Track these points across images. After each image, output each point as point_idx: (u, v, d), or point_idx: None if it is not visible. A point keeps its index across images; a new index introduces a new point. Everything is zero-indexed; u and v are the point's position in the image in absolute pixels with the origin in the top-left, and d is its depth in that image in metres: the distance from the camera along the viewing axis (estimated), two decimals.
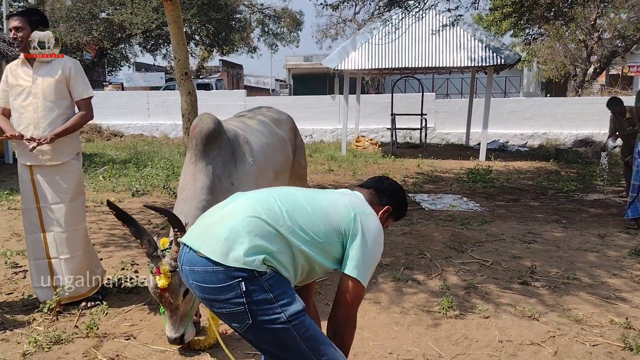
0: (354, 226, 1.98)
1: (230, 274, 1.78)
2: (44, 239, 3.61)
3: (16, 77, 3.55)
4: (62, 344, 3.11)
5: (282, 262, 1.87)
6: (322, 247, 1.95)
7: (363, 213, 2.04)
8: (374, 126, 15.45)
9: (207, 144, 3.10)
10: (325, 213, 1.99)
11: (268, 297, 1.79)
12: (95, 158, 11.02)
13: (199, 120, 3.19)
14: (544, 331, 3.33)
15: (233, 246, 1.81)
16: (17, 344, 3.12)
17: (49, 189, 3.57)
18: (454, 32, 11.52)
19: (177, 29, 5.23)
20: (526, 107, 15.12)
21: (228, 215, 1.93)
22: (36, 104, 3.50)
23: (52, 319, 3.46)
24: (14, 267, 4.43)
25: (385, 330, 3.36)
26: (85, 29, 18.32)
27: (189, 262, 1.88)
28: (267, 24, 24.37)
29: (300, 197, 2.03)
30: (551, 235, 5.51)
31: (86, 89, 3.67)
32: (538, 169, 10.45)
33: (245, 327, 1.82)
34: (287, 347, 1.83)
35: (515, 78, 27.34)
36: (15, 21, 3.51)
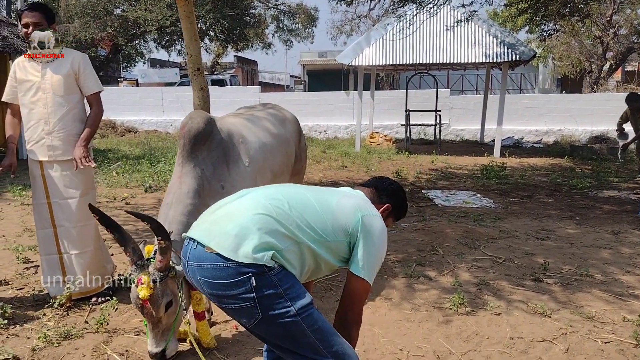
0: (361, 227, 2.01)
1: (240, 270, 1.80)
2: (55, 234, 3.62)
3: (25, 72, 3.53)
4: (72, 339, 3.14)
5: (290, 260, 1.90)
6: (330, 245, 1.99)
7: (369, 215, 2.07)
8: (388, 122, 15.41)
9: (196, 144, 2.96)
10: (332, 213, 2.02)
11: (278, 292, 1.82)
12: (109, 154, 11.13)
13: (189, 119, 3.03)
14: (556, 328, 3.31)
15: (243, 242, 1.82)
16: (27, 339, 3.15)
17: (59, 184, 3.57)
18: (469, 28, 11.44)
19: (190, 24, 5.27)
20: (541, 104, 14.98)
21: (237, 211, 1.95)
22: (46, 100, 3.50)
23: (63, 314, 3.49)
24: (26, 263, 4.48)
25: (396, 327, 3.37)
26: (99, 25, 18.43)
27: (197, 258, 1.89)
28: (281, 20, 24.33)
29: (309, 195, 2.06)
30: (565, 232, 5.47)
31: (96, 84, 3.69)
32: (553, 166, 10.36)
33: (255, 322, 1.84)
34: (297, 340, 1.86)
35: (530, 74, 27.07)
36: (33, 17, 3.46)
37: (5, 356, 2.89)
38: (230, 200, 2.07)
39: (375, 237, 2.03)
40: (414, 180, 8.58)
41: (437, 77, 14.31)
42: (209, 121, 3.04)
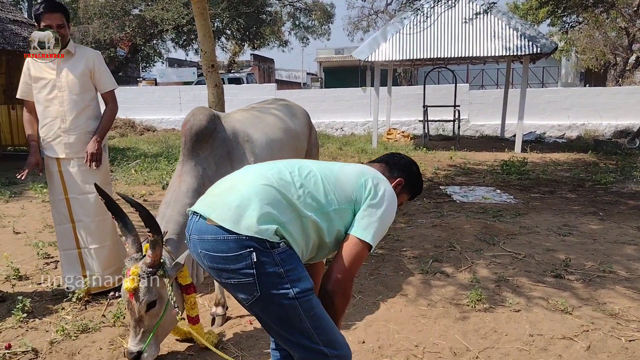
0: (365, 190, 1.92)
1: (242, 243, 1.73)
2: (73, 229, 3.66)
3: (39, 69, 3.54)
4: (89, 333, 3.16)
5: (293, 234, 1.81)
6: (334, 216, 1.89)
7: (375, 177, 1.98)
8: (405, 118, 15.27)
9: (198, 142, 2.88)
10: (336, 179, 1.94)
11: (278, 271, 1.75)
12: (128, 152, 11.21)
13: (191, 115, 2.95)
14: (577, 325, 3.21)
15: (244, 213, 1.75)
16: (45, 332, 3.17)
17: (77, 179, 3.60)
18: (488, 21, 11.24)
19: (204, 21, 5.24)
20: (564, 98, 14.69)
21: (239, 183, 1.88)
22: (62, 98, 3.52)
23: (81, 308, 3.51)
24: (46, 258, 4.52)
25: (412, 323, 3.30)
26: (118, 26, 18.61)
27: (198, 230, 1.83)
28: (298, 17, 24.30)
29: (313, 166, 1.98)
30: (587, 227, 5.33)
31: (111, 82, 3.72)
32: (576, 161, 10.14)
33: (252, 300, 1.77)
34: (292, 323, 1.78)
35: (553, 68, 26.64)
36: (56, 18, 3.46)
37: (24, 349, 2.93)
38: (234, 175, 2.00)
39: (381, 199, 1.92)
40: (431, 177, 8.46)
41: (456, 72, 14.12)
42: (212, 118, 2.96)
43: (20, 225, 5.65)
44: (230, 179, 1.98)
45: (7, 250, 4.69)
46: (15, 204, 6.75)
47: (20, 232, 5.37)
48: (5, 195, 7.02)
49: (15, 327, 3.23)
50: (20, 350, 2.93)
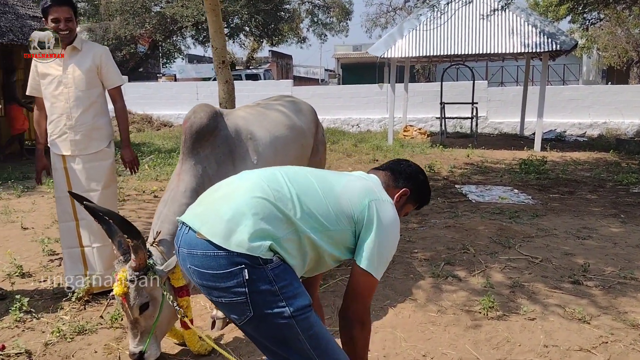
0: (368, 214, 1.80)
1: (233, 260, 1.62)
2: (77, 227, 3.61)
3: (46, 65, 3.50)
4: (86, 334, 3.09)
5: (289, 250, 1.70)
6: (332, 235, 1.78)
7: (378, 200, 1.85)
8: (422, 115, 15.05)
9: (198, 140, 2.79)
10: (337, 198, 1.81)
11: (272, 289, 1.64)
12: (143, 147, 11.20)
13: (192, 113, 2.87)
14: (596, 336, 3.04)
15: (236, 228, 1.64)
16: (41, 333, 3.11)
17: (81, 177, 3.56)
18: (506, 17, 10.98)
19: (215, 17, 5.19)
20: (585, 95, 14.33)
21: (233, 193, 1.76)
22: (68, 94, 3.47)
23: (80, 308, 3.45)
24: (51, 255, 4.47)
25: (420, 330, 3.16)
26: (138, 22, 18.73)
27: (188, 244, 1.72)
28: (316, 14, 24.17)
29: (313, 179, 1.85)
30: (608, 230, 5.12)
31: (118, 77, 3.66)
32: (597, 160, 9.86)
33: (245, 320, 1.67)
34: (289, 344, 1.68)
35: (574, 66, 26.13)
36: (64, 12, 3.42)
37: (18, 350, 2.87)
38: (229, 182, 1.88)
39: (384, 226, 1.81)
40: (447, 175, 8.28)
41: (475, 69, 13.87)
42: (213, 116, 2.86)
43: (29, 220, 5.63)
44: (224, 186, 1.87)
45: (13, 246, 4.67)
46: (26, 198, 6.75)
47: (28, 228, 5.35)
48: (18, 190, 7.02)
49: (12, 326, 3.18)
50: (14, 352, 2.86)
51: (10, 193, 6.94)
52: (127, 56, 20.64)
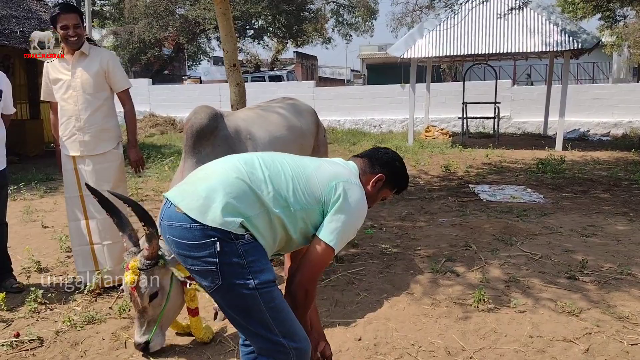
0: (334, 194, 1.95)
1: (207, 232, 1.80)
2: (87, 226, 3.80)
3: (56, 71, 3.70)
4: (95, 324, 3.30)
5: (259, 228, 1.87)
6: (300, 215, 1.94)
7: (347, 182, 2.00)
8: (445, 115, 15.07)
9: (199, 140, 2.96)
10: (307, 179, 1.97)
11: (241, 262, 1.81)
12: (164, 149, 11.56)
13: (193, 114, 3.04)
14: (580, 327, 3.16)
15: (211, 205, 1.82)
16: (54, 323, 3.34)
17: (91, 177, 3.71)
18: (527, 16, 10.98)
19: (226, 21, 5.37)
20: (610, 94, 14.14)
21: (213, 174, 1.94)
22: (76, 97, 3.65)
23: (91, 300, 3.67)
24: (68, 252, 4.70)
25: (412, 322, 3.32)
26: (162, 25, 19.10)
27: (169, 217, 1.90)
28: (341, 14, 24.27)
29: (286, 162, 2.02)
30: (614, 228, 5.17)
31: (126, 81, 3.83)
32: (617, 160, 9.78)
33: (214, 287, 1.84)
34: (251, 313, 1.85)
35: (604, 64, 25.62)
36: (72, 19, 3.58)
37: (30, 337, 3.09)
38: (211, 164, 2.07)
39: (349, 205, 1.95)
40: (462, 175, 8.36)
41: (502, 68, 13.83)
42: (213, 116, 3.05)
43: (49, 219, 5.91)
44: (206, 168, 2.05)
45: (33, 243, 4.95)
46: (49, 199, 7.06)
47: (48, 227, 5.63)
48: (41, 191, 7.35)
49: (27, 316, 3.41)
50: (27, 339, 3.08)
51: (33, 194, 7.30)
52: (151, 59, 21.04)
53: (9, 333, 3.18)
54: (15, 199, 6.85)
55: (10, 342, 3.05)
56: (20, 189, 7.37)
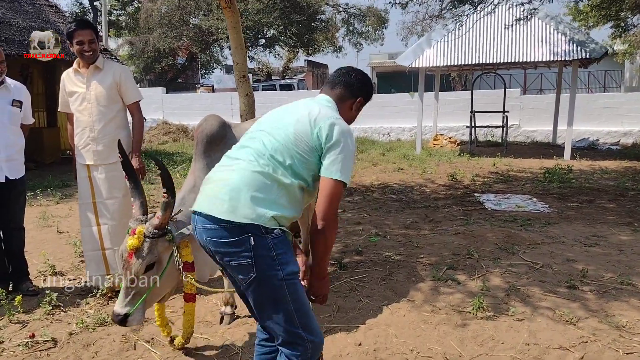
0: (322, 139, 2.08)
1: (242, 229, 1.96)
2: (99, 231, 3.94)
3: (72, 83, 3.88)
4: (106, 326, 3.44)
5: (286, 205, 2.04)
6: (305, 169, 2.10)
7: (325, 121, 2.11)
8: (454, 124, 15.12)
9: (209, 145, 3.08)
10: (294, 138, 2.09)
11: (271, 254, 1.98)
12: (176, 157, 11.73)
13: (204, 121, 3.18)
14: (577, 336, 3.22)
15: (238, 204, 1.97)
16: (67, 324, 3.49)
17: (104, 185, 3.89)
18: (535, 26, 11.04)
19: (236, 34, 5.52)
20: (620, 103, 14.11)
21: (227, 176, 2.08)
22: (90, 109, 3.82)
23: (103, 303, 3.82)
24: (82, 256, 4.77)
25: (412, 328, 3.40)
26: (176, 35, 19.44)
27: (202, 222, 2.06)
28: (352, 23, 24.43)
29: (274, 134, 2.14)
30: (617, 238, 5.21)
31: (137, 94, 3.98)
32: (626, 169, 9.78)
33: (249, 280, 2.00)
34: (278, 304, 2.01)
35: (616, 72, 25.50)
36: (87, 34, 3.75)
37: (45, 338, 3.24)
38: (222, 165, 2.20)
39: (338, 140, 2.08)
40: (468, 184, 8.41)
41: (512, 76, 13.88)
42: (222, 125, 3.18)
43: (64, 225, 6.10)
44: (217, 172, 2.18)
45: (48, 248, 5.11)
46: (64, 205, 7.26)
47: (63, 232, 5.81)
48: (57, 197, 7.55)
49: (42, 318, 3.57)
50: (42, 340, 3.24)
51: (49, 200, 7.49)
52: (165, 68, 21.37)
53: (25, 334, 3.32)
54: (32, 205, 7.01)
55: (26, 342, 3.19)
56: (37, 195, 7.55)
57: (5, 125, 3.83)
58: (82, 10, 27.35)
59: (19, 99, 3.94)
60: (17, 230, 4.05)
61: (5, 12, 9.79)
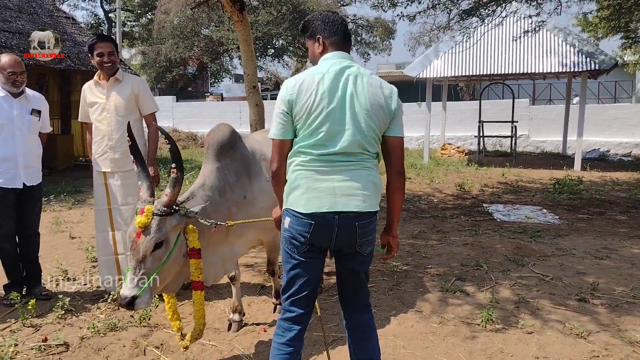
0: (393, 106, 2.37)
1: (375, 214, 2.33)
2: (113, 237, 4.03)
3: (92, 94, 3.99)
4: (117, 331, 3.47)
5: None
6: None
7: (366, 75, 2.34)
8: (462, 134, 15.09)
9: (220, 150, 3.15)
10: (371, 120, 2.29)
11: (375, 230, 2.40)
12: (185, 164, 11.74)
13: (216, 128, 3.25)
14: (588, 350, 3.16)
15: (374, 195, 2.29)
16: (79, 329, 3.52)
17: (119, 192, 3.99)
18: (544, 37, 11.03)
19: (247, 46, 5.61)
20: (631, 114, 14.04)
21: (355, 175, 2.26)
22: (109, 119, 3.93)
23: (114, 308, 3.84)
24: (93, 262, 4.89)
25: (420, 339, 3.35)
26: (187, 45, 19.69)
27: (354, 215, 2.27)
28: (359, 34, 24.49)
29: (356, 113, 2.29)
30: (629, 251, 5.14)
31: (153, 105, 4.08)
32: (638, 181, 9.69)
33: (370, 250, 2.37)
34: (367, 269, 2.48)
35: (626, 82, 25.38)
36: (107, 47, 3.88)
37: (57, 342, 3.28)
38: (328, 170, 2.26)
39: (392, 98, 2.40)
40: (477, 194, 8.36)
41: (522, 86, 13.87)
42: (233, 133, 3.26)
43: (77, 231, 6.14)
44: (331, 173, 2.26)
45: (61, 253, 5.14)
46: (76, 210, 7.32)
47: (75, 237, 5.85)
48: (69, 203, 7.61)
49: (54, 322, 3.60)
50: (54, 344, 3.28)
51: (62, 205, 7.53)
52: (176, 77, 21.61)
53: (38, 337, 3.37)
54: (45, 210, 7.03)
55: (39, 346, 3.24)
56: (50, 201, 7.59)
57: (25, 133, 3.94)
58: (97, 21, 27.79)
59: (37, 108, 4.05)
60: (33, 236, 4.12)
61: (25, 23, 10.02)
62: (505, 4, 8.11)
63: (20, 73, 3.86)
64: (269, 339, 3.33)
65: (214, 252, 3.05)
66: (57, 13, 11.99)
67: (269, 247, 3.60)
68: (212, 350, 3.25)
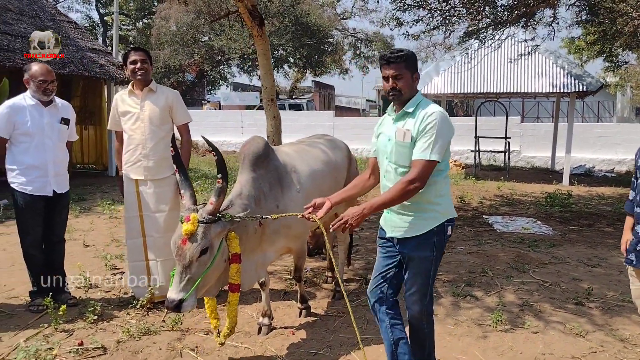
0: None
1: None
2: (144, 243, 4.17)
3: (125, 104, 4.15)
4: (151, 335, 3.67)
5: None
6: None
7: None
8: (458, 148, 15.61)
9: (255, 161, 3.34)
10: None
11: None
12: (189, 173, 12.00)
13: (252, 139, 3.47)
14: (587, 347, 3.62)
15: None
16: (112, 333, 3.71)
17: (151, 199, 4.13)
18: (536, 59, 11.69)
19: (266, 60, 5.94)
20: (614, 133, 14.84)
21: None
22: (143, 128, 4.09)
23: (144, 314, 4.04)
24: (113, 269, 5.10)
25: (437, 340, 3.66)
26: (187, 53, 19.80)
27: None
28: (358, 47, 25.01)
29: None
30: (617, 260, 5.64)
31: (187, 116, 4.30)
32: (621, 195, 10.25)
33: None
34: None
35: (608, 102, 26.27)
36: (140, 55, 4.09)
37: (95, 345, 3.45)
38: None
39: None
40: (476, 206, 8.86)
41: (512, 104, 14.48)
42: (267, 145, 3.51)
43: (89, 238, 6.30)
44: None
45: (78, 261, 5.20)
46: (84, 218, 7.47)
47: (89, 245, 6.03)
48: (76, 211, 7.70)
49: (86, 327, 3.76)
50: (91, 347, 3.44)
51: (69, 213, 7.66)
52: (174, 84, 21.68)
53: (72, 342, 3.51)
54: None
55: (77, 349, 3.39)
56: None
57: (55, 142, 4.04)
58: (91, 24, 27.66)
59: (66, 116, 4.16)
60: (59, 243, 4.25)
61: (27, 27, 9.99)
62: (503, 28, 8.68)
63: (51, 81, 3.99)
64: (298, 340, 3.65)
65: (249, 260, 3.25)
66: (59, 17, 12.04)
67: (297, 254, 3.82)
68: (246, 352, 3.48)
